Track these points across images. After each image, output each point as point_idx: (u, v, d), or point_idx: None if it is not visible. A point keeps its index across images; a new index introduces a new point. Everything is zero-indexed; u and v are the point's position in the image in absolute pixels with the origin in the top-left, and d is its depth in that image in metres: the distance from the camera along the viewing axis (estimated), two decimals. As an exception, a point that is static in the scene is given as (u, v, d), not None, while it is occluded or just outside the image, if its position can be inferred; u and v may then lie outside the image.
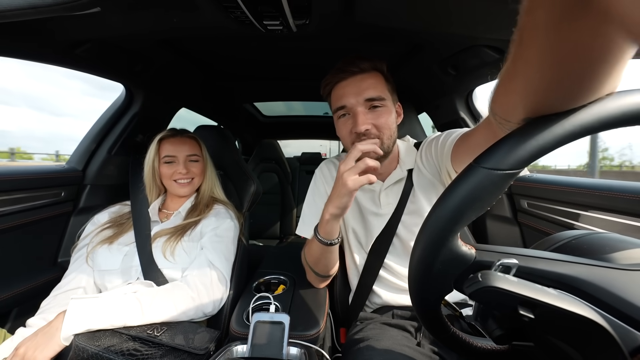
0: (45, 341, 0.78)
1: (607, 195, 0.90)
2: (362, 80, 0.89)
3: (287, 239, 2.89)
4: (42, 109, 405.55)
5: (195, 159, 1.25)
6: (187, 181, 1.23)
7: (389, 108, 0.91)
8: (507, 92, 0.40)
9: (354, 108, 0.88)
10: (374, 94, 0.88)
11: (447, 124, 1.63)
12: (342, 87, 0.91)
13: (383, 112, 0.89)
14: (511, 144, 0.35)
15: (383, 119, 0.89)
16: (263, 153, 3.01)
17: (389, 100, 0.91)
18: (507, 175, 0.35)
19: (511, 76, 0.36)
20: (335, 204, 0.83)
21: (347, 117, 0.92)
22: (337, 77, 0.92)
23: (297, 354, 0.79)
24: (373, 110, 0.89)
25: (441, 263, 0.39)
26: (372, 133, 0.88)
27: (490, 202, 0.37)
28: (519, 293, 0.33)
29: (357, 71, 0.89)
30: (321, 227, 0.90)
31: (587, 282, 0.35)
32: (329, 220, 0.86)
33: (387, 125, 0.90)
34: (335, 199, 0.82)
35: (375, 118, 0.88)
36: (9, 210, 1.08)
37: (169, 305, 0.92)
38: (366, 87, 0.88)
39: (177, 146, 1.21)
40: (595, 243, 0.42)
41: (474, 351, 0.50)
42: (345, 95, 0.89)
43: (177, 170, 1.19)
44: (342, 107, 0.91)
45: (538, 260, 0.38)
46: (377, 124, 0.88)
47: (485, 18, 0.88)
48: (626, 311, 0.32)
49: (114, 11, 0.82)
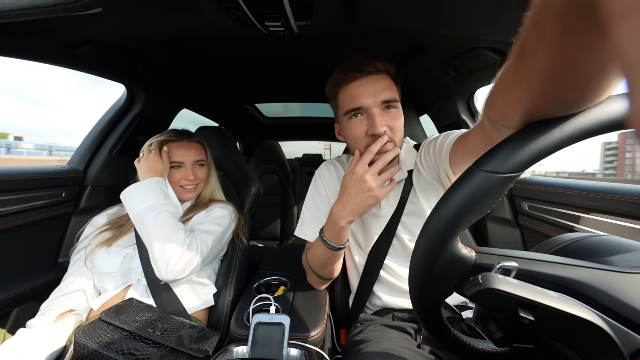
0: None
1: (608, 197, 0.89)
2: (377, 80, 0.86)
3: (287, 240, 2.89)
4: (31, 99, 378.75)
5: (202, 164, 1.25)
6: (193, 187, 1.22)
7: (400, 110, 0.90)
8: (506, 100, 0.39)
9: (371, 109, 0.85)
10: (390, 96, 0.86)
11: (448, 126, 1.62)
12: (355, 87, 0.87)
13: (397, 114, 0.88)
14: (511, 147, 0.35)
15: (397, 122, 0.88)
16: (264, 154, 3.01)
17: (399, 102, 0.91)
18: (506, 178, 0.35)
19: (511, 85, 0.36)
20: (358, 212, 0.82)
21: (361, 117, 0.88)
22: (349, 77, 0.88)
23: (297, 355, 0.79)
24: (387, 112, 0.87)
25: (441, 266, 0.39)
26: (387, 135, 0.85)
27: (490, 205, 0.37)
28: (519, 295, 0.33)
29: (372, 71, 0.87)
30: (333, 233, 0.88)
31: (587, 284, 0.35)
32: (344, 227, 0.85)
33: (399, 128, 0.89)
34: (358, 207, 0.81)
35: (390, 120, 0.86)
36: (9, 210, 1.08)
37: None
38: (382, 89, 0.86)
39: (184, 151, 1.20)
40: (596, 246, 0.42)
41: (474, 353, 0.50)
42: (361, 96, 0.86)
43: (185, 176, 1.19)
44: (358, 108, 0.87)
45: (537, 263, 0.38)
46: (391, 126, 0.86)
47: (487, 20, 0.88)
48: (626, 314, 0.32)
49: (116, 11, 0.82)
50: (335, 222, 0.86)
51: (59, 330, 0.90)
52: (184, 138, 1.23)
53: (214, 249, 1.09)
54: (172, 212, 1.06)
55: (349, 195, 0.82)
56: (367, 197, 0.78)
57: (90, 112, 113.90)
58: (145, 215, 1.02)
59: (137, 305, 0.93)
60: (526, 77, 0.32)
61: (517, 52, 0.32)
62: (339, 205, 0.84)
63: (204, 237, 1.06)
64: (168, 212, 1.04)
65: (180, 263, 0.98)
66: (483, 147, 0.63)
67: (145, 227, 1.01)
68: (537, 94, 0.33)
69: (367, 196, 0.78)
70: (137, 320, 0.87)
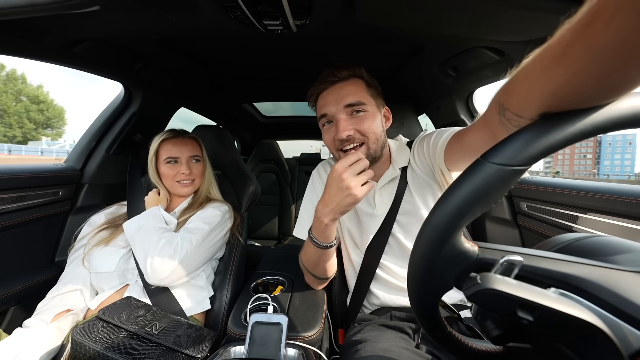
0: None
1: (607, 198, 0.90)
2: (341, 88, 0.92)
3: (285, 240, 2.89)
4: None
5: (197, 159, 1.26)
6: (189, 182, 1.23)
7: (371, 112, 0.92)
8: (535, 83, 0.38)
9: (335, 116, 0.91)
10: (353, 100, 0.90)
11: (447, 125, 1.62)
12: (323, 97, 0.95)
13: (365, 116, 0.91)
14: (525, 139, 0.35)
15: (366, 124, 0.90)
16: (262, 153, 3.01)
17: (370, 105, 0.92)
18: (515, 171, 0.35)
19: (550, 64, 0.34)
20: (339, 210, 0.82)
21: (331, 124, 0.95)
22: (318, 89, 0.96)
23: (294, 355, 0.79)
24: (355, 116, 0.91)
25: (443, 259, 0.39)
26: (356, 138, 0.91)
27: (496, 198, 0.37)
28: (519, 296, 0.33)
29: (335, 80, 0.92)
30: (319, 232, 0.89)
31: (591, 282, 0.35)
32: (328, 225, 0.86)
33: (372, 130, 0.91)
34: (338, 206, 0.81)
35: (357, 123, 0.90)
36: (6, 208, 1.07)
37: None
38: (345, 94, 0.90)
39: (179, 147, 1.21)
40: (597, 246, 0.42)
41: (469, 352, 0.50)
42: (326, 104, 0.93)
43: (180, 171, 1.19)
44: (324, 116, 0.94)
45: (541, 260, 0.37)
46: (360, 129, 0.90)
47: (486, 20, 0.88)
48: (631, 312, 0.32)
49: (114, 10, 0.82)
50: (319, 220, 0.86)
51: (55, 329, 0.89)
52: (179, 135, 1.25)
53: (201, 248, 1.08)
54: (160, 226, 1.08)
55: (329, 194, 0.83)
56: (346, 195, 0.79)
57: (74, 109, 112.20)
58: (135, 233, 1.06)
59: (135, 304, 0.92)
60: (580, 51, 0.30)
61: (582, 21, 0.29)
62: (322, 204, 0.85)
63: (187, 235, 1.06)
64: (154, 226, 1.07)
65: (165, 265, 0.97)
66: (482, 143, 0.63)
67: (134, 240, 1.05)
68: (584, 73, 0.31)
69: (346, 195, 0.79)
70: (135, 319, 0.86)
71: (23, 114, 69.93)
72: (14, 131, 68.32)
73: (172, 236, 1.04)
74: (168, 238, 1.02)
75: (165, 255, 0.98)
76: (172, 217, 1.17)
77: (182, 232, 1.08)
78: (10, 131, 68.21)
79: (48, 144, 68.16)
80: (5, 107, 67.15)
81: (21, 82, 68.57)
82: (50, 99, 74.27)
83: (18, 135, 68.62)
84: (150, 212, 1.12)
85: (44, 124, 73.95)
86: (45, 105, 72.21)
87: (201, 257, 1.09)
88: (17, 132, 68.65)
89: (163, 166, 1.20)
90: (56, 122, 75.79)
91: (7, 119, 68.60)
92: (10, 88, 67.19)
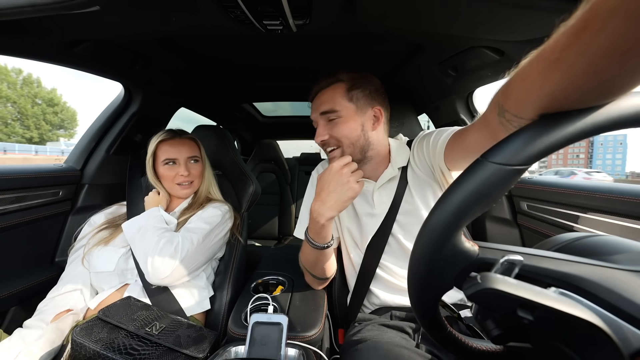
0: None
1: (607, 197, 0.90)
2: (320, 96, 0.99)
3: (285, 240, 2.88)
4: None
5: (196, 160, 1.25)
6: (188, 184, 1.22)
7: (344, 118, 0.94)
8: (532, 84, 0.38)
9: (316, 122, 1.01)
10: (326, 108, 0.95)
11: (447, 124, 1.62)
12: (312, 105, 1.04)
13: (337, 122, 0.95)
14: (525, 139, 0.35)
15: (338, 130, 0.95)
16: (262, 153, 3.01)
17: (346, 110, 0.94)
18: (516, 171, 0.35)
19: (548, 67, 0.34)
20: (337, 207, 0.84)
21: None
22: (310, 97, 1.05)
23: (295, 355, 0.79)
24: (330, 122, 0.97)
25: (443, 258, 0.39)
26: (332, 143, 0.97)
27: (497, 198, 0.37)
28: (518, 295, 0.33)
29: (317, 90, 1.00)
30: (315, 232, 0.89)
31: (591, 281, 0.35)
32: (325, 225, 0.87)
33: (344, 135, 0.94)
34: (337, 202, 0.84)
35: (331, 130, 0.96)
36: (6, 209, 1.07)
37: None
38: (321, 102, 0.97)
39: (177, 148, 1.20)
40: (597, 245, 0.42)
41: (470, 351, 0.50)
42: (311, 112, 1.03)
43: (179, 172, 1.19)
44: (312, 121, 1.04)
45: (542, 259, 0.37)
46: (333, 134, 0.96)
47: (486, 19, 0.88)
48: (631, 312, 0.32)
49: (113, 10, 0.81)
50: (315, 220, 0.87)
51: (55, 330, 0.89)
52: (176, 136, 1.24)
53: (202, 247, 1.08)
54: (161, 226, 1.08)
55: (327, 191, 0.85)
56: (346, 189, 0.83)
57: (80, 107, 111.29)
58: (135, 233, 1.06)
59: (135, 304, 0.92)
60: (575, 56, 0.31)
61: (576, 27, 0.30)
62: (318, 203, 0.86)
63: (188, 235, 1.06)
64: (155, 226, 1.06)
65: (167, 264, 0.97)
66: (482, 143, 0.63)
67: (133, 241, 1.05)
68: (580, 76, 0.31)
69: (346, 188, 0.83)
70: (135, 319, 0.86)
71: (40, 116, 70.82)
72: (31, 132, 69.02)
73: (173, 236, 1.03)
74: (169, 237, 1.02)
75: (166, 254, 0.98)
76: (172, 217, 1.16)
77: (183, 232, 1.07)
78: (28, 132, 68.93)
79: (66, 144, 68.82)
80: (24, 109, 67.89)
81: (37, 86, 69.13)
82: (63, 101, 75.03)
83: (35, 136, 69.45)
84: (150, 212, 1.12)
85: (58, 126, 75.06)
86: (59, 107, 73.03)
87: (202, 256, 1.09)
88: (34, 133, 69.43)
89: (161, 168, 1.19)
90: (69, 123, 76.83)
91: (26, 121, 69.54)
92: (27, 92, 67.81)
